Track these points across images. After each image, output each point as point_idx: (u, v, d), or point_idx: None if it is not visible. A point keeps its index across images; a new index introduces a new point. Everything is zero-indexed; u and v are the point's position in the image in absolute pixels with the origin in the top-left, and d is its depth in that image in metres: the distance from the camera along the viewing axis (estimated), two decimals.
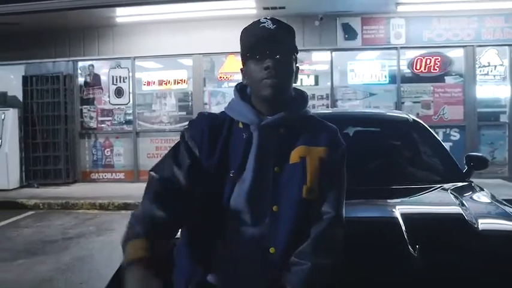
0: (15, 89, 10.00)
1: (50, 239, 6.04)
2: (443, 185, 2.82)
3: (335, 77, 9.52)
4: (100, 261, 4.96)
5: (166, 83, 9.92)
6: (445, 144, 8.37)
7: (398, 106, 9.14)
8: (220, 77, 9.71)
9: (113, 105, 10.08)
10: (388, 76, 9.34)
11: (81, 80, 10.22)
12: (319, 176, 1.53)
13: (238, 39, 1.58)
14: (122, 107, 10.08)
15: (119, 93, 10.01)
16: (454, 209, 2.29)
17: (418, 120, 3.66)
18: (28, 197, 8.45)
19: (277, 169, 1.52)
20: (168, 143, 9.63)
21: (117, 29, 9.71)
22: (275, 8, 8.58)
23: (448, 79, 9.27)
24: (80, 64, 10.18)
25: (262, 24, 1.54)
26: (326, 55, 9.51)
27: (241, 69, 1.60)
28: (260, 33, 1.53)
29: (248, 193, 1.50)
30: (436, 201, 2.73)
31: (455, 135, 9.21)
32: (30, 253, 5.39)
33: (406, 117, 3.68)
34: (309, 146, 1.55)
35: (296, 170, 1.52)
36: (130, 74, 9.98)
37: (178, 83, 9.91)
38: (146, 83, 10.02)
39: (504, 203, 2.56)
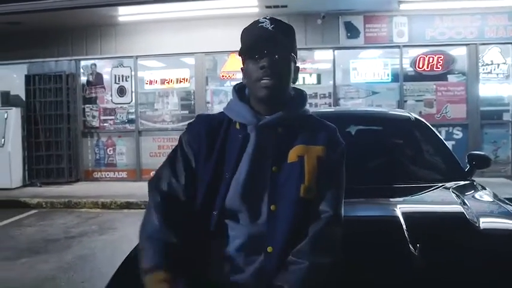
0: (18, 88, 10.02)
1: (52, 237, 6.06)
2: (445, 184, 2.81)
3: (337, 75, 9.50)
4: (102, 260, 4.97)
5: (168, 82, 9.93)
6: (448, 142, 8.44)
7: (401, 104, 9.11)
8: (223, 76, 9.71)
9: (116, 104, 10.09)
10: (390, 74, 9.32)
11: (83, 79, 10.23)
12: (317, 175, 1.53)
13: (240, 38, 1.59)
14: (125, 106, 10.09)
15: (122, 92, 10.02)
16: (456, 208, 2.28)
17: (420, 119, 3.65)
18: (31, 196, 8.46)
19: (275, 168, 1.52)
20: (171, 141, 9.64)
21: (120, 28, 9.72)
22: (277, 6, 8.56)
23: (451, 77, 9.24)
24: (82, 63, 10.19)
25: (260, 24, 1.55)
26: (328, 53, 9.49)
27: (242, 68, 1.61)
28: (258, 33, 1.54)
29: (242, 193, 1.50)
30: (438, 200, 2.72)
31: (458, 134, 9.19)
32: (33, 252, 5.40)
33: (408, 115, 3.67)
34: (307, 145, 1.55)
35: (294, 169, 1.52)
36: (133, 73, 9.98)
37: (180, 81, 9.91)
38: (148, 82, 10.03)
39: (506, 201, 2.56)
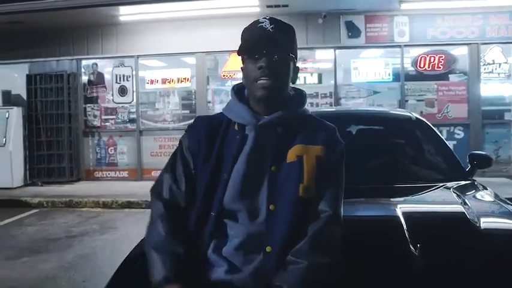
0: (20, 88, 10.04)
1: (53, 237, 6.06)
2: (446, 184, 2.81)
3: (338, 75, 9.50)
4: (103, 260, 4.97)
5: (169, 82, 9.94)
6: (449, 142, 8.43)
7: (402, 104, 9.11)
8: (224, 75, 9.71)
9: (117, 103, 10.10)
10: (391, 74, 9.32)
11: (84, 78, 10.24)
12: (316, 174, 1.53)
13: (240, 38, 1.59)
14: (126, 105, 10.10)
15: (123, 91, 10.02)
16: (456, 208, 2.28)
17: (421, 119, 3.65)
18: (32, 195, 8.47)
19: (274, 168, 1.53)
20: (172, 141, 9.65)
21: (121, 28, 9.72)
22: (278, 6, 8.56)
23: (452, 77, 9.23)
24: (83, 63, 10.21)
25: (260, 24, 1.55)
26: (329, 53, 9.49)
27: (242, 67, 1.62)
28: (257, 33, 1.54)
29: (240, 193, 1.51)
30: (438, 200, 2.72)
31: (460, 134, 9.18)
32: (34, 251, 5.41)
33: (409, 115, 3.67)
34: (306, 144, 1.56)
35: (293, 168, 1.53)
36: (134, 72, 10.00)
37: (181, 81, 9.91)
38: (150, 82, 10.04)
39: (507, 201, 2.54)
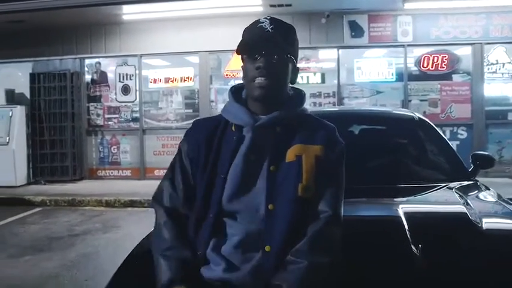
0: (23, 87, 10.05)
1: (56, 235, 6.08)
2: (449, 184, 2.80)
3: (342, 74, 9.49)
4: (106, 258, 4.98)
5: (172, 81, 9.93)
6: (453, 142, 8.41)
7: (405, 104, 9.09)
8: (227, 75, 9.70)
9: (120, 102, 10.11)
10: (395, 74, 9.30)
11: (88, 77, 10.25)
12: (315, 174, 1.53)
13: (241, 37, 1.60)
14: (129, 104, 10.11)
15: (126, 90, 10.03)
16: (458, 208, 2.27)
17: (424, 119, 3.64)
18: (35, 194, 8.49)
19: (273, 168, 1.53)
20: (175, 140, 9.65)
21: (124, 27, 9.73)
22: (281, 5, 8.54)
23: (456, 77, 9.20)
24: (86, 61, 10.22)
25: (260, 24, 1.56)
26: (333, 53, 9.48)
27: (242, 66, 1.62)
28: (257, 33, 1.55)
29: (238, 192, 1.52)
30: (441, 200, 2.71)
31: (463, 134, 9.16)
32: (37, 249, 5.42)
33: (412, 115, 3.66)
34: (305, 144, 1.56)
35: (292, 168, 1.53)
36: (137, 71, 10.00)
37: (184, 80, 9.91)
38: (153, 81, 10.04)
39: (510, 202, 2.54)
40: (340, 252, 1.52)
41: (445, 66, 9.11)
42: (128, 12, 9.09)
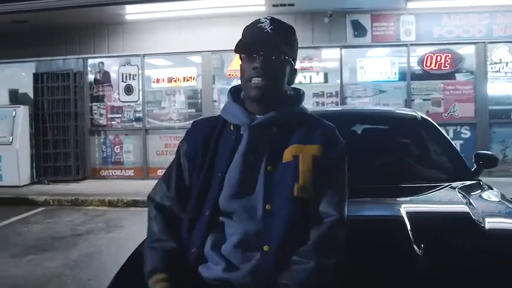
0: (26, 86, 10.08)
1: (59, 235, 6.09)
2: (451, 184, 2.79)
3: (344, 74, 9.47)
4: (108, 258, 4.98)
5: (175, 81, 9.94)
6: (456, 142, 8.40)
7: (408, 103, 9.07)
8: (230, 74, 9.70)
9: (123, 102, 10.12)
10: (398, 73, 9.28)
11: (91, 77, 10.27)
12: (312, 174, 1.52)
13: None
14: (132, 104, 10.12)
15: (129, 90, 10.04)
16: (461, 208, 2.27)
17: (427, 118, 3.63)
18: (38, 194, 8.51)
19: (270, 168, 1.53)
20: (177, 140, 9.58)
21: (127, 27, 9.74)
22: (284, 5, 8.54)
23: (459, 76, 9.18)
24: (90, 61, 10.23)
25: (260, 24, 1.56)
26: (335, 52, 9.46)
27: (240, 65, 1.62)
28: (256, 32, 1.55)
29: (235, 192, 1.52)
30: (443, 200, 2.71)
31: (466, 133, 9.13)
32: (40, 249, 5.44)
33: (414, 114, 3.65)
34: (303, 144, 1.56)
35: (288, 168, 1.53)
36: (140, 71, 10.01)
37: (187, 80, 9.92)
38: (155, 81, 10.05)
39: None
40: (344, 252, 1.52)
41: (448, 66, 9.09)
42: (131, 12, 9.10)
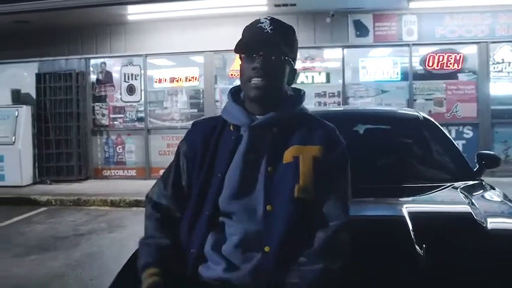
0: (29, 87, 10.10)
1: (61, 235, 6.10)
2: (454, 184, 2.79)
3: (347, 74, 9.46)
4: (110, 258, 4.99)
5: (177, 81, 9.94)
6: (458, 142, 8.37)
7: (410, 103, 9.06)
8: (232, 75, 9.69)
9: (125, 102, 10.13)
10: (400, 73, 9.26)
11: (93, 77, 10.28)
12: (313, 175, 1.52)
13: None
14: (134, 104, 10.13)
15: (131, 90, 10.05)
16: (463, 208, 2.26)
17: (429, 118, 3.62)
18: (41, 194, 8.53)
19: (270, 169, 1.53)
20: (179, 140, 9.50)
21: (129, 27, 9.75)
22: (286, 5, 8.53)
23: (461, 76, 9.16)
24: (92, 61, 10.25)
25: (260, 24, 1.56)
26: (337, 52, 9.45)
27: (240, 65, 1.62)
28: (256, 33, 1.55)
29: (236, 193, 1.52)
30: (445, 200, 2.71)
31: (469, 133, 9.11)
32: (42, 249, 5.44)
33: (417, 114, 3.65)
34: (303, 145, 1.55)
35: (289, 169, 1.52)
36: (142, 71, 10.02)
37: (189, 80, 9.92)
38: (158, 81, 10.05)
39: None
40: (350, 254, 1.53)
41: (451, 65, 9.07)
42: (133, 12, 9.11)
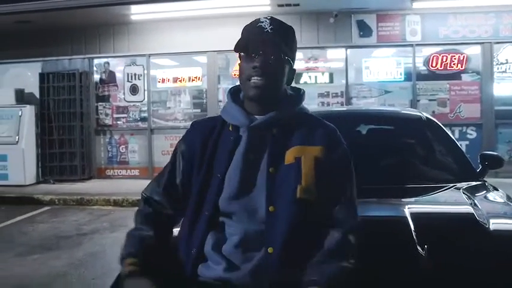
0: (32, 86, 10.12)
1: (64, 234, 6.11)
2: (456, 184, 2.78)
3: (350, 74, 9.45)
4: (113, 257, 4.95)
5: (180, 81, 9.95)
6: (462, 142, 8.35)
7: (413, 104, 9.03)
8: (235, 75, 9.65)
9: (128, 102, 10.14)
10: (403, 73, 9.24)
11: (96, 77, 10.30)
12: (315, 175, 1.52)
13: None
14: (137, 104, 10.14)
15: (134, 90, 10.06)
16: (465, 209, 2.26)
17: (432, 118, 3.62)
18: (44, 193, 8.54)
19: (272, 170, 1.52)
20: None
21: (132, 27, 9.76)
22: (289, 5, 8.52)
23: (465, 76, 9.14)
24: (95, 61, 10.26)
25: (260, 23, 1.55)
26: (341, 52, 9.44)
27: (239, 64, 1.62)
28: (256, 32, 1.55)
29: (236, 194, 1.52)
30: (448, 201, 2.70)
31: (472, 134, 9.09)
32: (45, 248, 5.46)
33: (419, 115, 3.64)
34: (304, 145, 1.55)
35: (291, 170, 1.52)
36: (145, 71, 10.03)
37: (192, 80, 9.93)
38: (161, 80, 10.06)
39: None
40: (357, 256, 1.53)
41: (454, 66, 9.05)
42: (136, 12, 9.12)
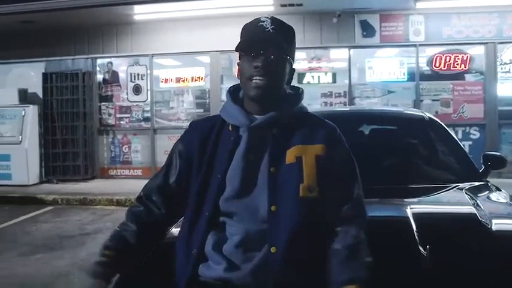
0: (36, 86, 10.14)
1: (67, 234, 6.13)
2: (459, 185, 2.78)
3: (353, 74, 9.44)
4: None
5: (183, 80, 9.96)
6: (465, 142, 8.33)
7: (417, 104, 9.02)
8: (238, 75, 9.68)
9: (131, 102, 10.16)
10: (406, 73, 9.23)
11: (99, 77, 10.32)
12: (316, 174, 1.52)
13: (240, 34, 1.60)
14: (140, 104, 10.15)
15: (137, 90, 10.08)
16: (467, 209, 2.25)
17: (434, 119, 3.61)
18: (47, 193, 8.57)
19: (273, 169, 1.52)
20: None
21: (135, 27, 9.78)
22: (292, 5, 8.52)
23: (468, 77, 9.11)
24: (98, 61, 10.28)
25: (261, 23, 1.55)
26: (344, 52, 9.43)
27: (238, 63, 1.62)
28: (256, 32, 1.55)
29: (237, 194, 1.51)
30: (450, 201, 2.70)
31: (475, 134, 9.06)
32: (48, 248, 5.47)
33: (422, 115, 3.63)
34: (305, 144, 1.55)
35: (292, 169, 1.51)
36: (148, 71, 10.04)
37: (195, 80, 9.93)
38: (164, 80, 10.07)
39: None
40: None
41: (458, 66, 9.03)
42: (139, 12, 9.13)
